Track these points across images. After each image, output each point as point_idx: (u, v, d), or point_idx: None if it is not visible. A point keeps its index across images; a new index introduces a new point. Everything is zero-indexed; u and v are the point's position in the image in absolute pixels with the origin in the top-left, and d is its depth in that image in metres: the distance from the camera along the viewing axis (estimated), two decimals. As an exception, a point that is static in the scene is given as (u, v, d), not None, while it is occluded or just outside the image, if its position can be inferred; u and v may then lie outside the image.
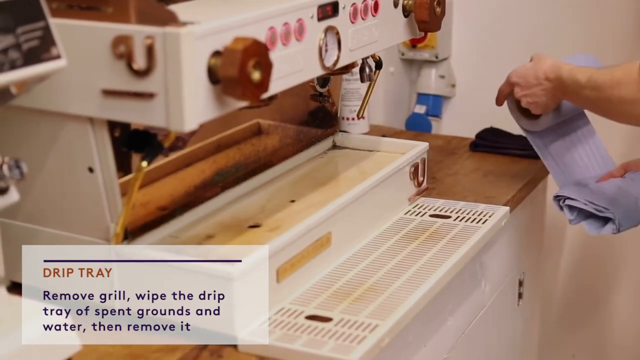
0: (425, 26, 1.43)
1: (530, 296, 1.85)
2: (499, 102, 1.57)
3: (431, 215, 1.45)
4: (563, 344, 2.19)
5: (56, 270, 1.19)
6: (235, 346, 1.10)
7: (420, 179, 1.51)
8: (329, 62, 1.24)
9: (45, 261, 1.19)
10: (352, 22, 1.28)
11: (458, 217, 1.45)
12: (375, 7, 1.33)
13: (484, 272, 1.53)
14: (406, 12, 1.42)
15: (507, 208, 1.50)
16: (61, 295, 1.19)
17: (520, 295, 1.78)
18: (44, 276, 1.20)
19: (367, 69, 1.50)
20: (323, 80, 1.53)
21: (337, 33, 1.25)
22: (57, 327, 0.97)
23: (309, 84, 1.51)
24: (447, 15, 1.50)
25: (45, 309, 0.99)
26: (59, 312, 0.98)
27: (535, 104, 1.49)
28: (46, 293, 1.19)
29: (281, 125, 1.49)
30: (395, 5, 1.39)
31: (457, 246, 1.34)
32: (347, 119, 1.81)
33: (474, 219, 1.44)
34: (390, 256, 1.31)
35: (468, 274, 1.45)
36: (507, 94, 1.55)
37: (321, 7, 1.21)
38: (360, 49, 1.32)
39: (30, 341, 0.94)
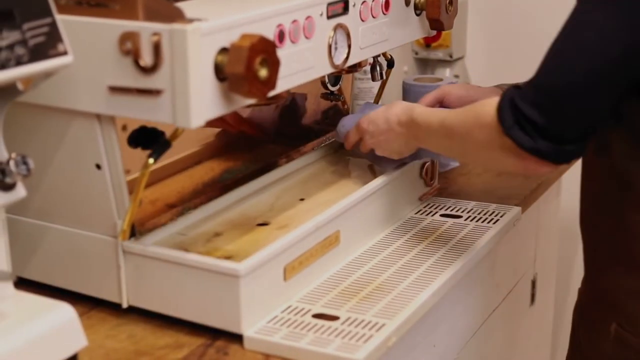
0: (437, 24, 1.42)
1: (543, 297, 1.84)
2: (347, 147, 1.42)
3: (442, 215, 1.45)
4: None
5: (63, 266, 1.20)
6: (241, 343, 1.10)
7: (431, 178, 1.50)
8: (338, 60, 1.24)
9: (52, 257, 1.20)
10: (363, 20, 1.28)
11: (469, 217, 1.44)
12: (386, 5, 1.33)
13: (496, 273, 1.52)
14: (418, 11, 1.41)
15: (519, 208, 1.49)
16: (68, 291, 1.19)
17: (533, 297, 1.76)
18: (51, 272, 1.21)
19: (378, 68, 1.50)
20: (334, 79, 1.52)
21: (347, 31, 1.25)
22: (64, 323, 0.98)
23: (320, 82, 1.51)
24: (461, 15, 1.49)
25: (52, 305, 0.99)
26: (65, 308, 0.98)
27: (388, 152, 1.33)
28: (53, 289, 1.19)
29: (291, 123, 1.49)
30: (407, 3, 1.38)
31: (467, 246, 1.33)
32: (360, 118, 1.80)
33: (485, 219, 1.43)
34: (399, 255, 1.30)
35: (479, 274, 1.44)
36: (355, 142, 1.38)
37: (331, 5, 1.21)
38: (370, 47, 1.31)
39: (37, 337, 0.94)
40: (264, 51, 1.02)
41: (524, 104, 1.06)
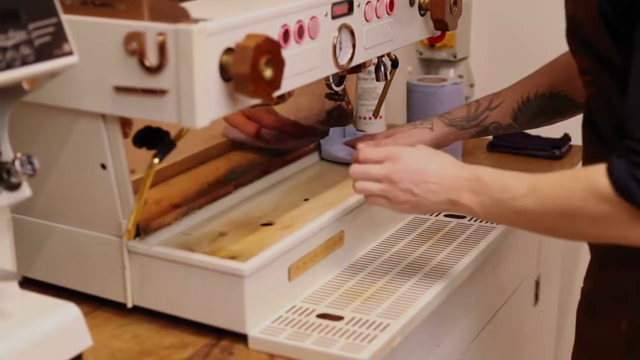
0: (442, 25, 1.42)
1: (547, 298, 1.84)
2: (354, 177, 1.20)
3: (446, 215, 1.45)
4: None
5: (68, 266, 1.20)
6: (246, 343, 1.10)
7: (436, 178, 1.50)
8: (343, 61, 1.24)
9: (57, 257, 1.20)
10: (367, 21, 1.28)
11: (472, 217, 1.44)
12: (391, 5, 1.33)
13: (500, 273, 1.52)
14: (422, 11, 1.41)
15: (523, 208, 1.48)
16: (73, 290, 1.19)
17: (536, 297, 1.76)
18: (56, 272, 1.21)
19: (382, 68, 1.49)
20: (339, 79, 1.52)
21: (352, 31, 1.24)
22: (69, 323, 0.98)
23: (324, 82, 1.51)
24: (465, 15, 1.49)
25: (56, 305, 0.99)
26: (70, 308, 0.99)
27: (412, 208, 1.16)
28: (58, 288, 1.20)
29: (296, 123, 1.49)
30: (411, 3, 1.38)
31: (471, 246, 1.33)
32: (364, 118, 1.80)
33: (489, 219, 1.43)
34: (403, 256, 1.30)
35: (483, 275, 1.43)
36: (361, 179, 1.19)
37: (336, 5, 1.21)
38: (375, 47, 1.31)
39: (41, 337, 0.94)
40: (269, 51, 1.02)
41: None
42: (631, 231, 1.00)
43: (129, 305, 1.17)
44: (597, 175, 1.00)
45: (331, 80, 1.51)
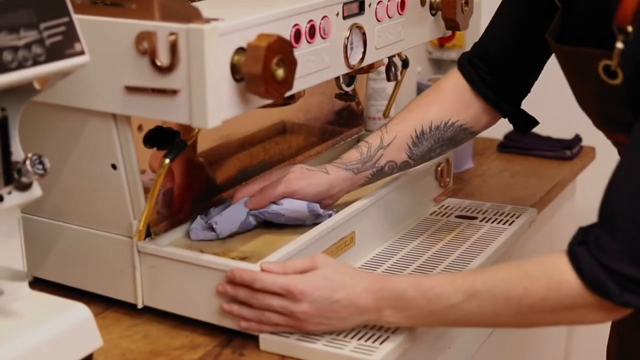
0: (453, 25, 1.41)
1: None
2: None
3: (457, 216, 1.44)
4: (591, 350, 2.16)
5: (78, 266, 1.19)
6: (257, 344, 1.09)
7: (446, 179, 1.49)
8: (354, 61, 1.23)
9: (67, 257, 1.20)
10: (378, 21, 1.27)
11: (484, 218, 1.43)
12: (402, 5, 1.32)
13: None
14: (433, 11, 1.40)
15: (534, 209, 1.48)
16: (83, 291, 1.19)
17: (547, 298, 1.75)
18: (66, 272, 1.20)
19: (393, 68, 1.49)
20: (349, 79, 1.52)
21: (363, 31, 1.24)
22: (79, 324, 0.97)
23: (334, 82, 1.50)
24: (475, 15, 1.48)
25: (67, 305, 0.99)
26: (80, 308, 0.98)
27: (327, 328, 1.08)
28: (68, 289, 1.19)
29: (306, 124, 1.49)
30: (423, 3, 1.38)
31: (482, 247, 1.32)
32: (374, 118, 1.80)
33: (501, 220, 1.42)
34: (414, 257, 1.29)
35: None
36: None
37: (347, 5, 1.20)
38: (386, 47, 1.31)
39: (52, 337, 0.94)
40: (281, 51, 1.02)
41: (626, 265, 0.93)
42: (596, 315, 0.98)
43: (139, 305, 1.16)
44: (558, 271, 0.97)
45: (342, 80, 1.50)
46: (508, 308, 1.00)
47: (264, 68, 1.00)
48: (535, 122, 1.34)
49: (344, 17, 1.20)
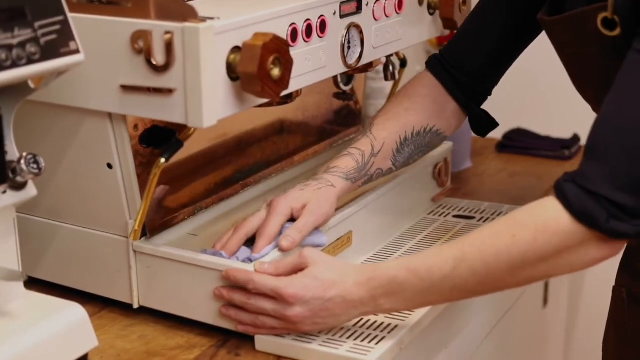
0: (451, 24, 1.41)
1: (556, 299, 1.82)
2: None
3: (455, 216, 1.44)
4: (590, 349, 2.16)
5: (74, 266, 1.19)
6: (253, 344, 1.09)
7: (444, 179, 1.49)
8: (351, 60, 1.23)
9: (63, 257, 1.19)
10: (376, 20, 1.27)
11: (482, 217, 1.43)
12: (400, 4, 1.32)
13: (509, 274, 1.51)
14: (431, 10, 1.40)
15: (533, 209, 1.47)
16: (79, 291, 1.19)
17: (545, 299, 1.75)
18: (62, 272, 1.20)
19: (391, 67, 1.49)
20: (347, 78, 1.52)
21: (360, 30, 1.24)
22: (75, 324, 0.97)
23: (332, 81, 1.50)
24: (473, 14, 1.48)
25: (62, 305, 0.99)
26: (76, 308, 0.98)
27: (322, 327, 1.08)
28: (64, 289, 1.19)
29: (304, 123, 1.48)
30: (420, 2, 1.37)
31: (480, 247, 1.32)
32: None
33: (498, 220, 1.42)
34: (412, 256, 1.29)
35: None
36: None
37: (344, 4, 1.20)
38: (383, 46, 1.30)
39: (47, 337, 0.94)
40: (277, 50, 1.01)
41: (612, 192, 0.94)
42: (587, 253, 0.97)
43: (135, 305, 1.16)
44: (542, 211, 0.98)
45: (339, 80, 1.50)
46: (500, 262, 0.98)
47: (260, 67, 0.99)
48: (495, 124, 1.36)
49: (341, 16, 1.20)
